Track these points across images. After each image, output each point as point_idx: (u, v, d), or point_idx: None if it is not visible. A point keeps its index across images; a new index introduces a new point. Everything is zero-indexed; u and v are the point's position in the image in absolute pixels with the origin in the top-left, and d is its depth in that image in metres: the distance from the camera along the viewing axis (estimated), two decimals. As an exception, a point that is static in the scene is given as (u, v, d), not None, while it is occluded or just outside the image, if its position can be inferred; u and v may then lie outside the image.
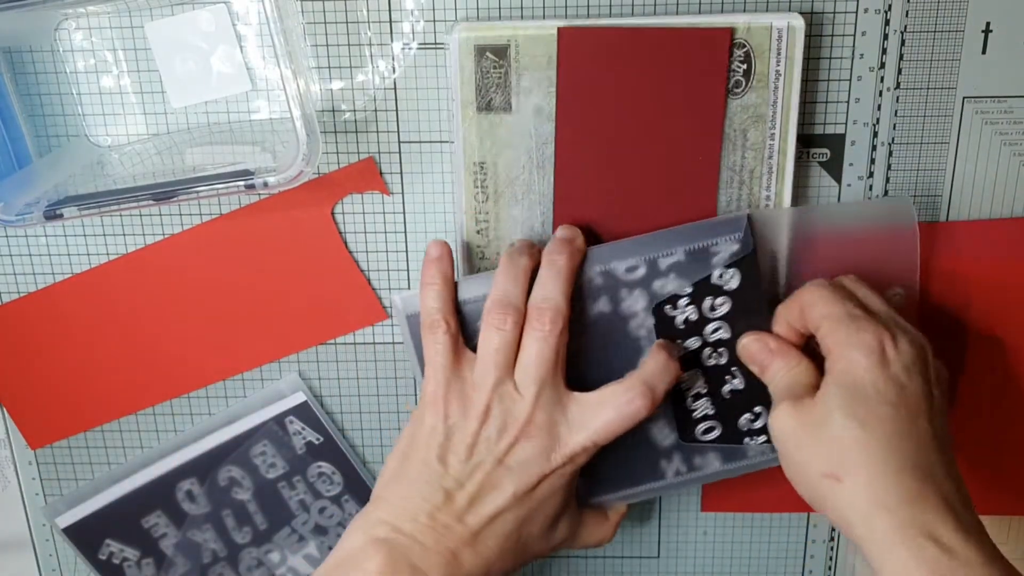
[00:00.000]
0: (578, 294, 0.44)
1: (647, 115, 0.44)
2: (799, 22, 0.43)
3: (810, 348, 0.43)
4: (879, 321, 0.40)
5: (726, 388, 0.46)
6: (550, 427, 0.42)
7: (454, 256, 0.45)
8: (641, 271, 0.44)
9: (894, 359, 0.39)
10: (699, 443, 0.46)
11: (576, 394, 0.43)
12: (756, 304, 0.44)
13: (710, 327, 0.45)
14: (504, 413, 0.42)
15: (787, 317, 0.43)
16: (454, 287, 0.44)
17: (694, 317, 0.45)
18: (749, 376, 0.45)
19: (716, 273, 0.44)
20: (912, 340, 0.40)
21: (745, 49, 0.43)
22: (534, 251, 0.44)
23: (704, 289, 0.44)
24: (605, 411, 0.42)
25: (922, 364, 0.40)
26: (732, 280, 0.44)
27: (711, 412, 0.46)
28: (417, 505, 0.42)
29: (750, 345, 0.44)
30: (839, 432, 0.38)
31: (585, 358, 0.45)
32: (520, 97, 0.44)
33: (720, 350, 0.45)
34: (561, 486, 0.43)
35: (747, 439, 0.46)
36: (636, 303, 0.44)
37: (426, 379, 0.43)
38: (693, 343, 0.45)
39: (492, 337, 0.42)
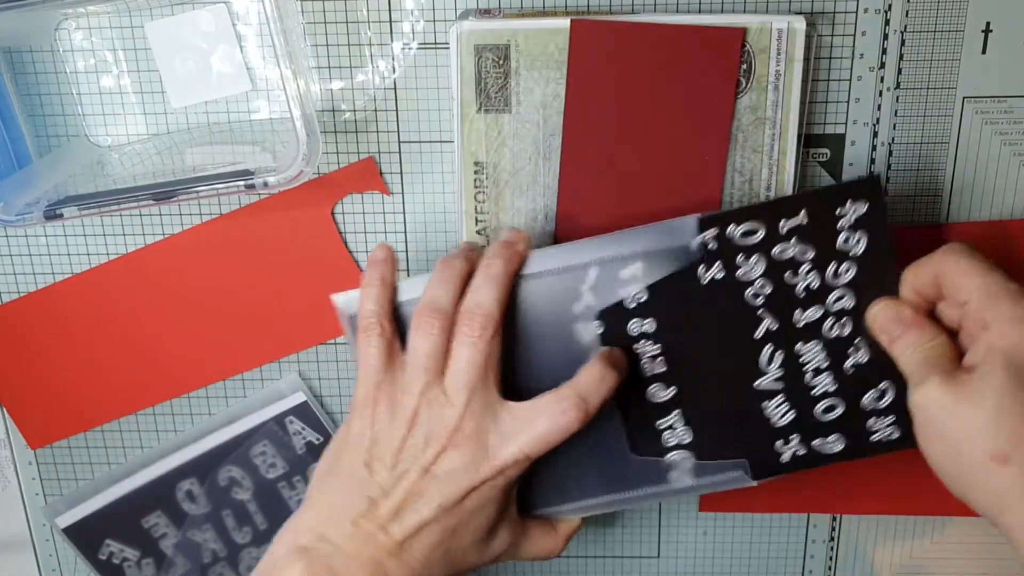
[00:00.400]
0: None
1: (655, 111, 0.44)
2: (800, 24, 0.43)
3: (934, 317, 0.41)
4: None
5: (849, 362, 0.42)
6: (479, 436, 0.40)
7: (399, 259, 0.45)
8: (759, 235, 0.42)
9: None
10: (820, 423, 0.43)
11: (509, 403, 0.41)
12: (885, 270, 0.41)
13: (833, 295, 0.42)
14: (432, 420, 0.41)
15: (915, 284, 0.41)
16: (393, 291, 0.43)
17: (816, 284, 0.42)
18: (875, 348, 0.42)
19: (842, 237, 0.41)
20: None
21: (745, 49, 0.43)
22: (472, 255, 0.43)
23: (829, 254, 0.42)
24: (537, 422, 0.40)
25: None
26: (859, 244, 0.41)
27: (832, 389, 0.43)
28: (342, 512, 0.41)
29: (881, 313, 0.41)
30: (1013, 409, 0.37)
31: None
32: (520, 96, 0.44)
33: (844, 320, 0.42)
34: (492, 498, 0.41)
35: (872, 419, 0.43)
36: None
37: (358, 382, 0.42)
38: (815, 313, 0.42)
39: (420, 342, 0.41)
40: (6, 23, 0.44)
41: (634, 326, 0.43)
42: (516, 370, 0.43)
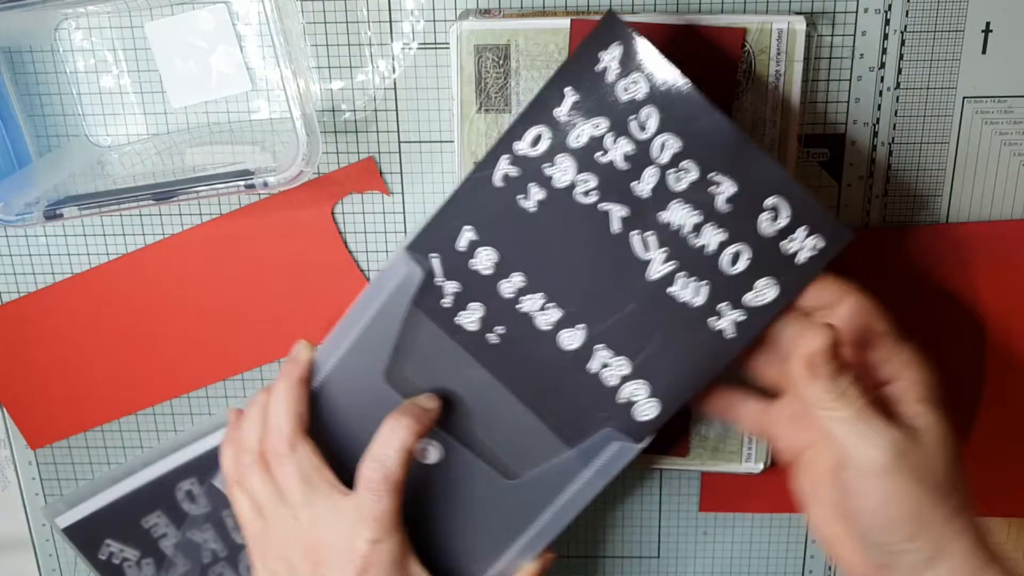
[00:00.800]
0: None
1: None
2: (800, 24, 0.43)
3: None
4: None
5: (720, 201, 0.38)
6: (322, 546, 0.41)
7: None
8: (546, 136, 0.39)
9: None
10: (736, 276, 0.39)
11: (336, 498, 0.41)
12: (681, 93, 0.38)
13: (655, 147, 0.38)
14: (280, 534, 0.43)
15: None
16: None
17: (631, 148, 0.38)
18: (739, 175, 0.38)
19: (621, 89, 0.38)
20: None
21: (745, 49, 0.43)
22: (265, 394, 0.44)
23: (619, 113, 0.38)
24: (362, 507, 0.41)
25: None
26: (638, 85, 0.38)
27: (724, 236, 0.39)
28: None
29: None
30: None
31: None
32: (520, 96, 0.44)
33: (682, 164, 0.38)
34: None
35: (784, 242, 0.38)
36: None
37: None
38: (651, 175, 0.38)
39: (242, 502, 0.44)
40: (6, 23, 0.44)
41: (504, 286, 0.41)
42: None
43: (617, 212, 0.39)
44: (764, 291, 0.39)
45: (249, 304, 0.50)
